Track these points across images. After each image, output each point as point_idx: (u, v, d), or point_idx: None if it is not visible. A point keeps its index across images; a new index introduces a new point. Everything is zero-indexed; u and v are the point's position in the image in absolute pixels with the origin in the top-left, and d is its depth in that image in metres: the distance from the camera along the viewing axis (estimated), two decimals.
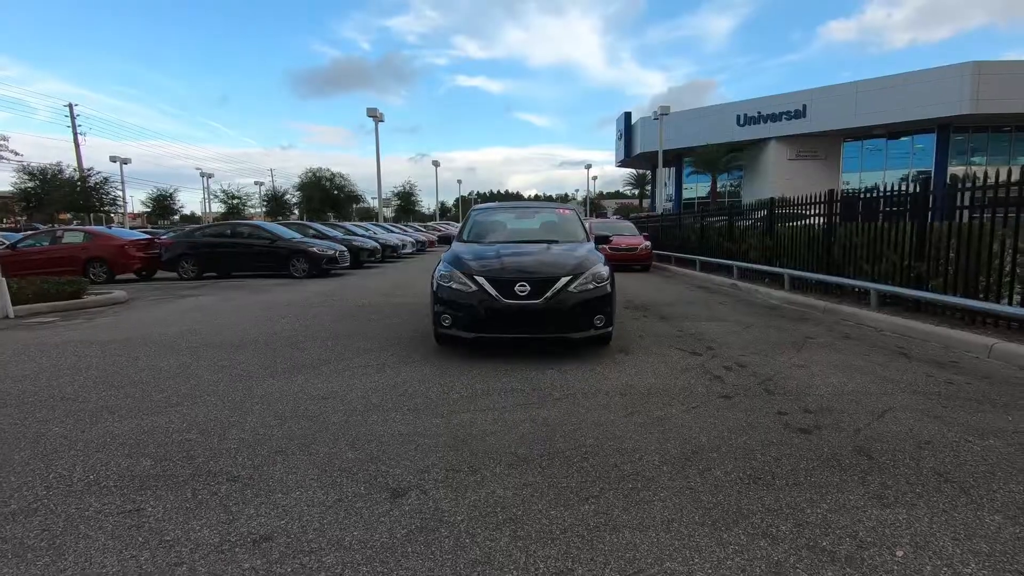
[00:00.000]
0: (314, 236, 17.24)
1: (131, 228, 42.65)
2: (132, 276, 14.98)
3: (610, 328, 5.24)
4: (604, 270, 5.29)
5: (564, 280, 5.01)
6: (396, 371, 4.82)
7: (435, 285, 5.32)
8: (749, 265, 10.80)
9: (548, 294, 4.93)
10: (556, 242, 6.03)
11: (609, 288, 5.22)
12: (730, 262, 11.73)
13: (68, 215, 39.45)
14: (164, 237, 15.00)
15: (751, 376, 4.57)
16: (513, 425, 3.51)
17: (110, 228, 15.79)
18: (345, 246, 16.44)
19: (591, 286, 5.09)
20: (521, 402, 3.96)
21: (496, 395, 4.13)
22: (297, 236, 15.22)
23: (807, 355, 5.30)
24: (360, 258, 17.41)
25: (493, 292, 4.94)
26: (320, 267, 14.37)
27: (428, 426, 3.51)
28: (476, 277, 5.06)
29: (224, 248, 14.42)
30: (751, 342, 5.91)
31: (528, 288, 4.92)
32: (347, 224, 22.90)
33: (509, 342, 5.49)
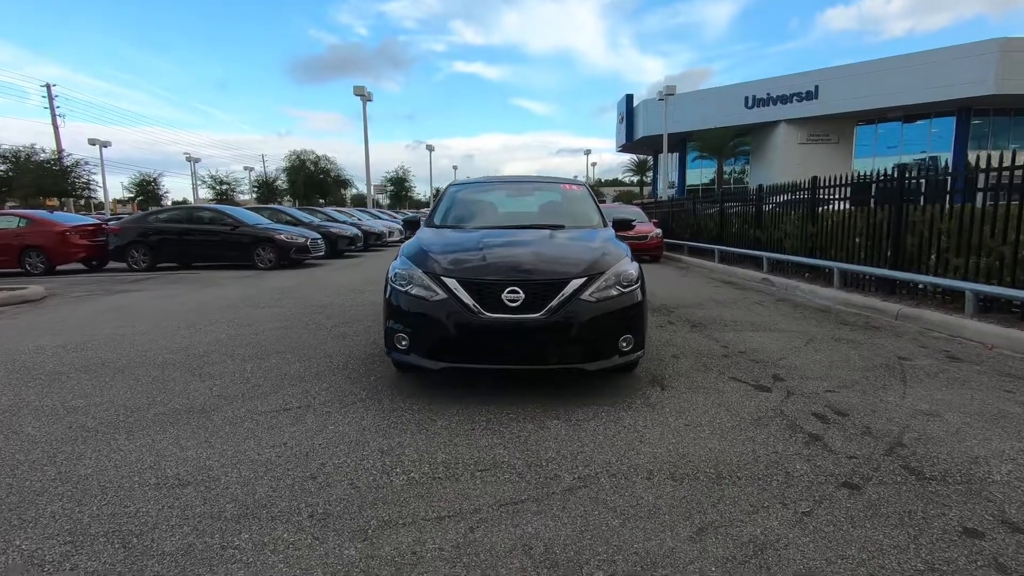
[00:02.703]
0: (288, 222, 15.56)
1: (114, 214, 40.65)
2: (81, 267, 13.30)
3: (640, 352, 3.62)
4: (632, 268, 3.65)
5: (576, 283, 3.37)
6: (322, 421, 3.19)
7: (388, 289, 3.68)
8: (786, 257, 9.16)
9: (553, 304, 3.29)
10: (562, 227, 4.37)
11: (640, 295, 3.59)
12: (759, 253, 10.09)
13: (56, 200, 37.33)
14: (112, 223, 13.26)
15: (866, 435, 2.95)
16: (491, 563, 1.89)
17: (52, 213, 14.02)
18: (321, 233, 14.78)
19: (614, 292, 3.45)
20: (508, 496, 2.34)
21: (467, 478, 2.51)
22: (264, 222, 13.50)
23: (923, 392, 3.69)
24: (338, 247, 15.73)
25: (470, 302, 3.30)
26: (289, 257, 12.69)
27: (334, 567, 1.88)
28: (446, 279, 3.41)
29: (180, 235, 12.69)
30: (828, 366, 4.30)
31: (522, 296, 3.28)
32: (328, 210, 21.16)
33: (493, 371, 3.86)
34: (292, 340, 5.28)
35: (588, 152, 63.33)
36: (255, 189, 55.03)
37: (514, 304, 3.28)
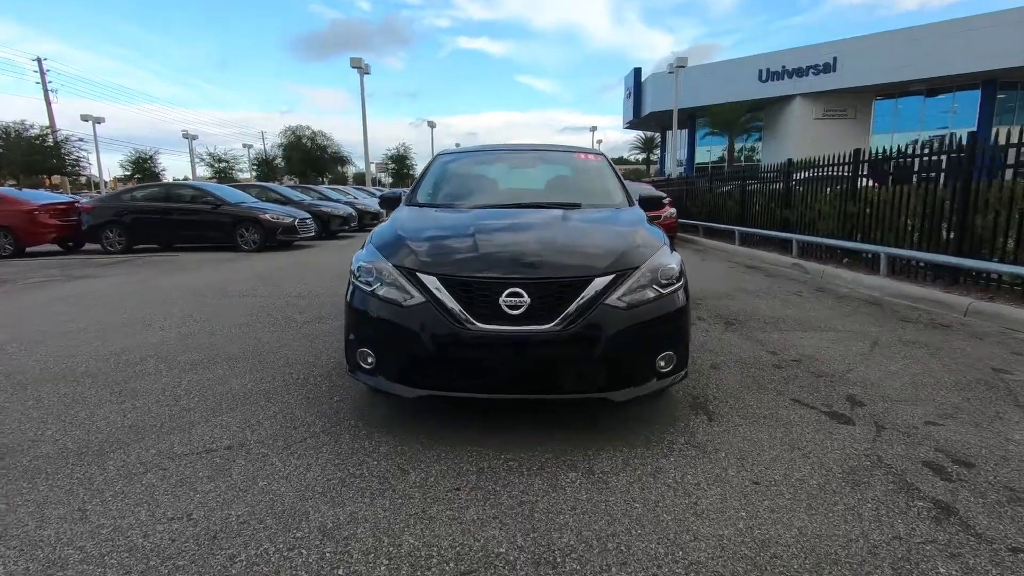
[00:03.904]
0: (276, 200, 14.64)
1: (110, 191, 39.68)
2: (56, 248, 12.45)
3: (683, 372, 2.74)
4: (674, 262, 2.75)
5: (600, 282, 2.47)
6: (253, 472, 2.34)
7: (350, 288, 2.80)
8: (822, 240, 8.20)
9: (569, 311, 2.41)
10: (577, 207, 3.45)
11: (683, 297, 2.70)
12: (788, 235, 9.13)
13: (48, 178, 36.41)
14: (84, 201, 12.35)
15: (1016, 504, 2.07)
16: None
17: (20, 190, 13.13)
18: (312, 213, 13.87)
19: (651, 294, 2.56)
20: None
21: None
22: (248, 200, 12.57)
23: None
24: (331, 227, 14.82)
25: (456, 308, 2.42)
26: (275, 238, 11.81)
27: None
28: (423, 277, 2.52)
29: (158, 214, 11.77)
30: (912, 383, 3.41)
31: (527, 300, 2.39)
32: (321, 188, 20.20)
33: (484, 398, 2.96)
34: (252, 341, 4.42)
35: (594, 129, 61.59)
36: (254, 167, 53.87)
37: (516, 311, 2.39)
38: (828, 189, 8.48)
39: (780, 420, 2.85)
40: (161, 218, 11.74)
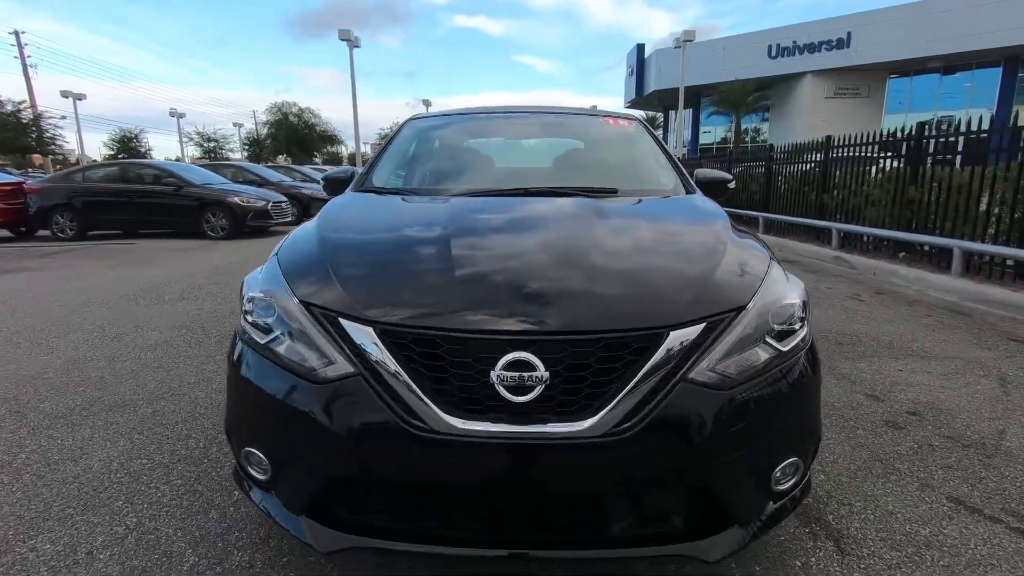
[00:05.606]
0: (253, 182, 13.42)
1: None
2: (7, 234, 11.23)
3: (805, 482, 1.58)
4: (794, 292, 1.56)
5: (680, 338, 1.30)
6: None
7: (236, 346, 1.61)
8: (874, 231, 7.01)
9: (626, 393, 1.25)
10: (612, 194, 2.26)
11: (811, 358, 1.53)
12: (829, 224, 7.96)
13: (42, 157, 34.83)
14: (30, 183, 11.06)
15: None
16: None
17: None
18: (291, 195, 12.70)
19: (763, 355, 1.39)
20: None
21: None
22: (216, 181, 11.31)
23: None
24: (311, 210, 13.52)
25: (410, 387, 1.26)
26: (246, 223, 10.59)
27: None
28: (352, 325, 1.35)
29: (113, 197, 10.53)
30: None
31: (543, 374, 1.23)
32: (304, 168, 18.93)
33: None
34: (158, 374, 3.27)
35: (594, 108, 59.68)
36: (245, 147, 52.09)
37: (523, 397, 1.24)
38: (876, 170, 7.32)
39: (955, 552, 1.72)
40: (117, 201, 10.49)
